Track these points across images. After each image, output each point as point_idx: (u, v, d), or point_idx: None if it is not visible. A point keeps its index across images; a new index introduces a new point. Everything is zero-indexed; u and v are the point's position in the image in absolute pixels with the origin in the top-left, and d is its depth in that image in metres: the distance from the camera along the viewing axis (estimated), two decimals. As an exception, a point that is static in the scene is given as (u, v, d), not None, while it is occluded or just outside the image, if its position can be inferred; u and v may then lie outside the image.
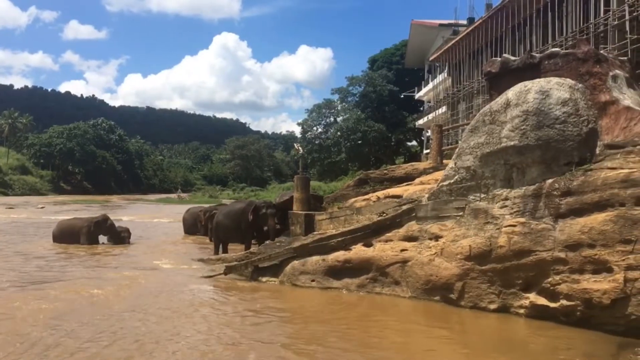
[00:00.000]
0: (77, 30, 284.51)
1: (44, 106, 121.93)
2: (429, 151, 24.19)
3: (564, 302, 5.56)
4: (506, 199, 6.27)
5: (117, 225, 14.80)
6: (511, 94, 6.40)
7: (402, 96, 42.41)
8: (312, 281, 7.83)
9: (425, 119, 35.21)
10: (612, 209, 5.30)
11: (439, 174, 8.44)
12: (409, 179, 11.18)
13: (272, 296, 7.58)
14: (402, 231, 7.29)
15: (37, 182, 65.96)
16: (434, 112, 31.15)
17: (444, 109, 29.05)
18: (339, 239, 7.83)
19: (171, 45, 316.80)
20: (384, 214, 7.85)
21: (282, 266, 8.25)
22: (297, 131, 54.43)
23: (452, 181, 6.86)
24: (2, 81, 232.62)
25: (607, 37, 14.56)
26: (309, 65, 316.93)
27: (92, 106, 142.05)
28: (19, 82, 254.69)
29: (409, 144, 45.60)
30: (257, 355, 4.97)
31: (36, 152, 70.23)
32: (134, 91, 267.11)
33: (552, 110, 6.01)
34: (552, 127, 5.99)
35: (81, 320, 6.07)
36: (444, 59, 28.65)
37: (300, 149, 19.22)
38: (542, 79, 6.40)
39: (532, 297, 5.92)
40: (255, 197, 35.84)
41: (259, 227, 10.90)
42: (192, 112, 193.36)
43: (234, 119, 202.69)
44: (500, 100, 6.52)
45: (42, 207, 32.62)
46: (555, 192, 5.82)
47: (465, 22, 29.15)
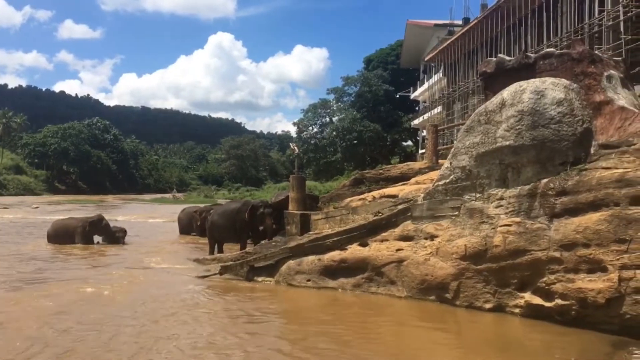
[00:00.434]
0: (71, 29, 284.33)
1: (38, 106, 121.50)
2: (424, 151, 24.22)
3: (559, 301, 5.57)
4: (501, 198, 6.28)
5: (113, 225, 14.75)
6: (506, 94, 6.41)
7: (398, 96, 42.51)
8: (308, 281, 7.83)
9: (420, 119, 35.30)
10: (606, 208, 5.32)
11: (435, 174, 8.46)
12: (404, 178, 11.18)
13: (268, 296, 7.56)
14: (397, 231, 7.30)
15: (32, 182, 65.65)
16: (430, 112, 31.24)
17: (439, 109, 29.12)
18: (335, 239, 7.83)
19: (166, 44, 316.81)
20: (380, 214, 7.85)
21: (278, 266, 8.24)
22: (293, 131, 54.52)
23: (447, 181, 6.87)
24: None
25: (602, 37, 14.65)
26: (305, 65, 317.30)
27: (87, 106, 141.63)
28: (13, 82, 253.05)
29: (405, 143, 45.72)
30: (252, 355, 4.95)
31: (30, 151, 69.93)
32: (128, 91, 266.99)
33: (547, 110, 6.03)
34: (547, 127, 6.01)
35: (75, 320, 6.04)
36: (440, 59, 28.72)
37: (296, 148, 19.21)
38: (537, 79, 6.41)
39: (528, 296, 5.94)
40: (250, 197, 35.82)
41: (255, 226, 10.88)
42: (187, 111, 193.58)
43: (229, 118, 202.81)
44: (495, 100, 6.53)
45: (37, 207, 32.46)
46: (550, 192, 5.83)
47: (460, 22, 29.25)
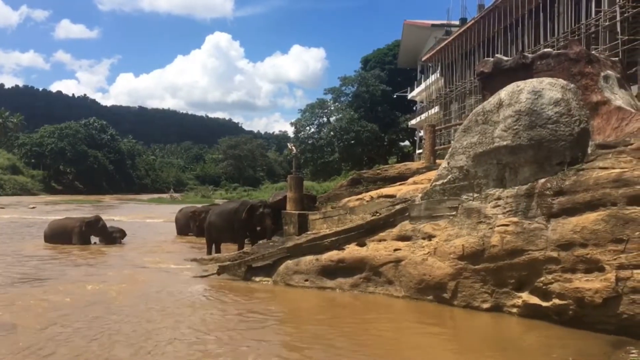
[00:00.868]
0: (68, 29, 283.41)
1: (35, 105, 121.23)
2: (421, 151, 24.26)
3: (557, 301, 5.58)
4: (499, 198, 6.29)
5: (111, 225, 14.72)
6: (504, 94, 6.41)
7: (395, 96, 42.55)
8: (306, 281, 7.83)
9: (417, 119, 35.35)
10: (604, 208, 5.33)
11: (432, 174, 8.46)
12: (402, 178, 11.18)
13: (266, 296, 7.56)
14: (395, 231, 7.30)
15: (28, 182, 65.45)
16: (427, 112, 31.28)
17: (436, 109, 29.18)
18: (333, 239, 7.83)
19: (163, 44, 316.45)
20: (378, 214, 7.85)
21: (276, 266, 8.24)
22: (290, 131, 54.54)
23: (445, 181, 6.88)
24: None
25: (599, 37, 14.69)
26: (302, 65, 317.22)
27: (84, 106, 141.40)
28: (9, 82, 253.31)
29: (402, 144, 45.77)
30: (249, 355, 4.95)
31: (27, 151, 69.71)
32: (125, 91, 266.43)
33: (544, 110, 6.04)
34: (544, 127, 6.02)
35: (69, 321, 6.03)
36: (437, 59, 28.76)
37: (294, 148, 19.18)
38: (535, 79, 6.42)
39: (525, 296, 5.94)
40: (248, 197, 35.78)
41: (252, 226, 10.87)
42: (184, 111, 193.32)
43: (227, 118, 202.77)
44: (492, 100, 6.54)
45: (34, 207, 32.38)
46: (547, 192, 5.85)
47: (457, 22, 29.31)
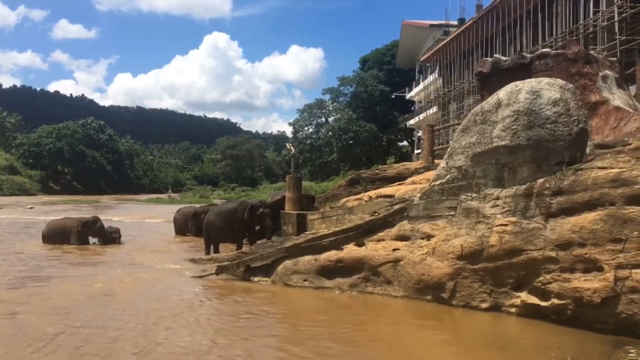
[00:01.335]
0: (66, 29, 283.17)
1: (32, 106, 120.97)
2: (420, 151, 24.28)
3: (555, 300, 5.59)
4: (497, 198, 6.29)
5: (109, 225, 14.70)
6: (502, 94, 6.42)
7: (393, 96, 42.56)
8: (305, 281, 7.82)
9: (416, 119, 35.38)
10: (602, 208, 5.34)
11: (431, 174, 8.46)
12: (400, 178, 11.18)
13: (264, 296, 7.55)
14: (394, 231, 7.30)
15: (26, 182, 65.29)
16: (425, 112, 31.30)
17: (434, 109, 29.20)
18: (331, 239, 7.82)
19: (161, 44, 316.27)
20: (376, 214, 7.85)
21: (274, 266, 8.23)
22: (289, 131, 54.46)
23: (443, 181, 6.88)
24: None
25: (597, 38, 14.71)
26: (300, 65, 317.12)
27: (82, 106, 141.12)
28: (7, 82, 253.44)
29: (400, 144, 45.79)
30: (246, 355, 4.95)
31: (25, 152, 69.55)
32: (123, 91, 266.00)
33: (543, 110, 6.04)
34: (543, 126, 6.02)
35: (79, 319, 6.03)
36: (435, 59, 28.78)
37: (292, 148, 19.21)
38: (533, 79, 6.43)
39: (524, 296, 5.95)
40: (246, 197, 35.73)
41: (251, 226, 10.87)
42: (182, 112, 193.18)
43: (225, 118, 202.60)
44: (491, 100, 6.54)
45: (32, 208, 32.32)
46: (546, 192, 5.85)
47: (456, 22, 29.31)
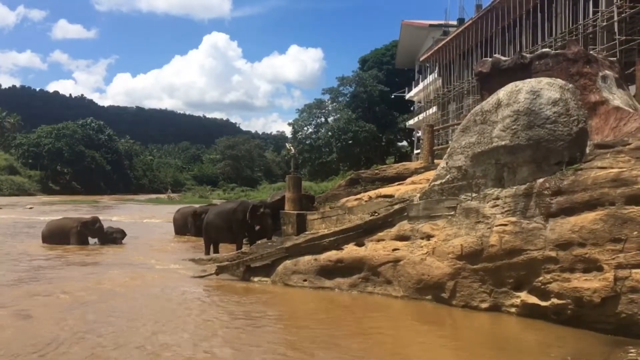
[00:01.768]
0: (65, 29, 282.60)
1: (32, 106, 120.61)
2: (419, 151, 24.29)
3: (555, 300, 5.60)
4: (497, 198, 6.30)
5: (110, 226, 14.69)
6: (502, 94, 6.42)
7: (393, 96, 42.55)
8: (304, 281, 7.83)
9: (415, 119, 35.36)
10: (602, 208, 5.35)
11: (430, 174, 8.47)
12: (400, 178, 11.19)
13: (264, 296, 7.56)
14: (394, 231, 7.31)
15: (26, 182, 65.21)
16: (425, 113, 31.27)
17: (434, 109, 29.17)
18: (331, 239, 7.83)
19: (161, 44, 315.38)
20: (376, 214, 7.85)
21: (274, 266, 8.24)
22: (288, 131, 54.38)
23: (443, 181, 6.88)
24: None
25: (596, 38, 14.70)
26: (300, 65, 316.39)
27: (81, 106, 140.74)
28: (6, 82, 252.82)
29: (400, 144, 45.78)
30: (245, 355, 4.95)
31: (24, 152, 69.47)
32: (123, 91, 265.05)
33: (542, 110, 6.05)
34: (542, 126, 6.02)
35: (81, 319, 6.03)
36: (435, 59, 28.78)
37: (292, 148, 19.23)
38: (533, 79, 6.43)
39: (524, 295, 5.96)
40: (245, 197, 35.72)
41: (251, 226, 10.87)
42: (182, 112, 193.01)
43: (224, 119, 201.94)
44: (491, 100, 6.55)
45: (31, 208, 32.30)
46: (546, 192, 5.86)
47: (455, 22, 29.31)
